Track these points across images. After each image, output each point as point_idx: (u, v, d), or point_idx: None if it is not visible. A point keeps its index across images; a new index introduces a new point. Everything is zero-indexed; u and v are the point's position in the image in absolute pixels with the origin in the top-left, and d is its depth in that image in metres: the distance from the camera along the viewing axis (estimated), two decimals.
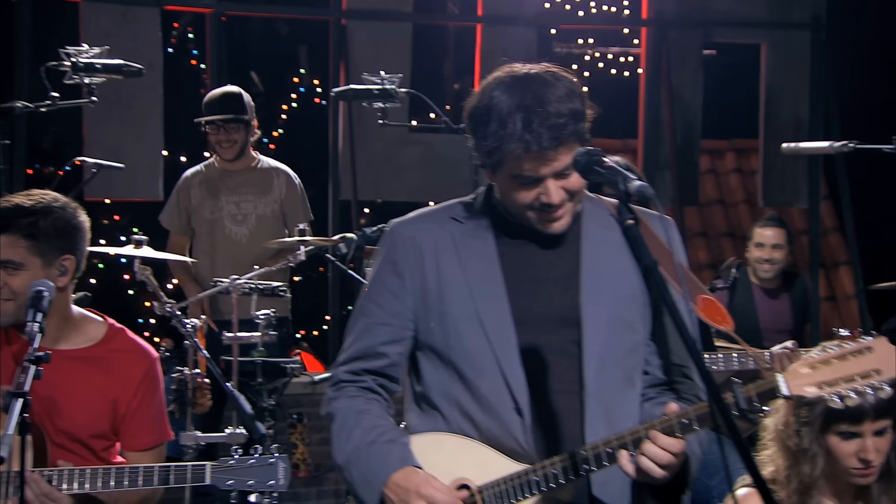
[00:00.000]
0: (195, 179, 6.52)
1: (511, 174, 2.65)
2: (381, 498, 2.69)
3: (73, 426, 3.49)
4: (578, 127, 2.63)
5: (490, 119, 2.62)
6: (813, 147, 5.88)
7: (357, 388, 2.87)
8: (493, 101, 2.63)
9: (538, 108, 2.57)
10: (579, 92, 2.68)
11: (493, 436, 2.71)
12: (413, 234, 2.84)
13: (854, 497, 3.12)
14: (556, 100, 2.59)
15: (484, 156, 2.68)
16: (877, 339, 2.49)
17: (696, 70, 8.78)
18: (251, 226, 6.38)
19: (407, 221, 2.90)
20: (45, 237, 3.43)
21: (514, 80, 2.65)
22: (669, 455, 2.53)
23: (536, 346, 2.72)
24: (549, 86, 2.62)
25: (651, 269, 2.34)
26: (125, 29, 7.87)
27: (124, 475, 3.33)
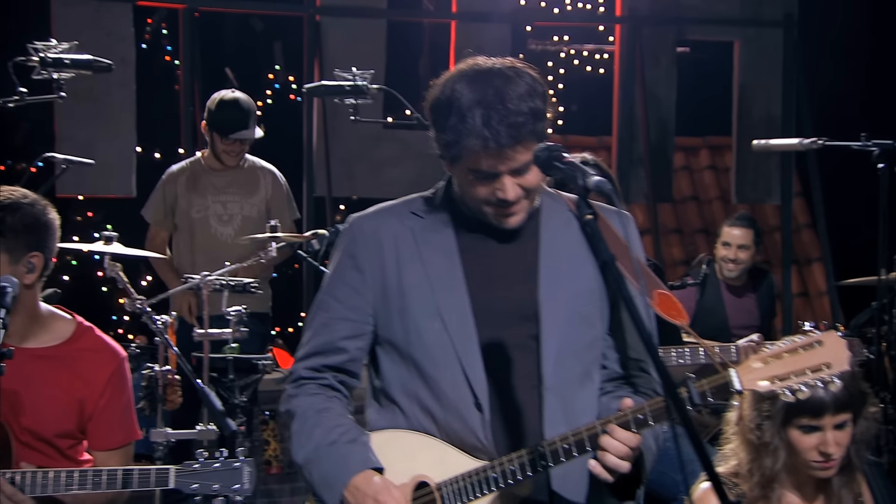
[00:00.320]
0: (182, 176, 6.48)
1: (468, 168, 2.67)
2: (341, 500, 2.69)
3: (39, 425, 3.46)
4: (537, 126, 2.64)
5: (450, 112, 2.62)
6: (783, 144, 5.92)
7: (317, 386, 2.86)
8: (455, 93, 2.63)
9: (498, 104, 2.58)
10: (541, 90, 2.69)
11: (453, 431, 2.72)
12: (373, 229, 2.83)
13: (815, 490, 3.15)
14: (517, 97, 2.60)
15: (442, 148, 2.69)
16: (826, 333, 2.52)
17: (670, 67, 8.81)
18: (236, 226, 6.36)
19: (367, 216, 2.89)
20: (13, 233, 3.39)
21: (477, 74, 2.66)
22: (626, 448, 2.56)
23: (496, 341, 2.73)
24: (511, 82, 2.63)
25: (609, 263, 2.36)
26: (97, 24, 7.84)
27: (87, 478, 3.31)
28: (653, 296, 2.68)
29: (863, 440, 3.08)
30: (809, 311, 9.82)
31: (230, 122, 6.29)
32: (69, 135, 7.73)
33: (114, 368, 3.59)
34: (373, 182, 8.25)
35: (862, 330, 5.76)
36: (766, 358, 2.52)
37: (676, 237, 10.14)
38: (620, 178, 8.69)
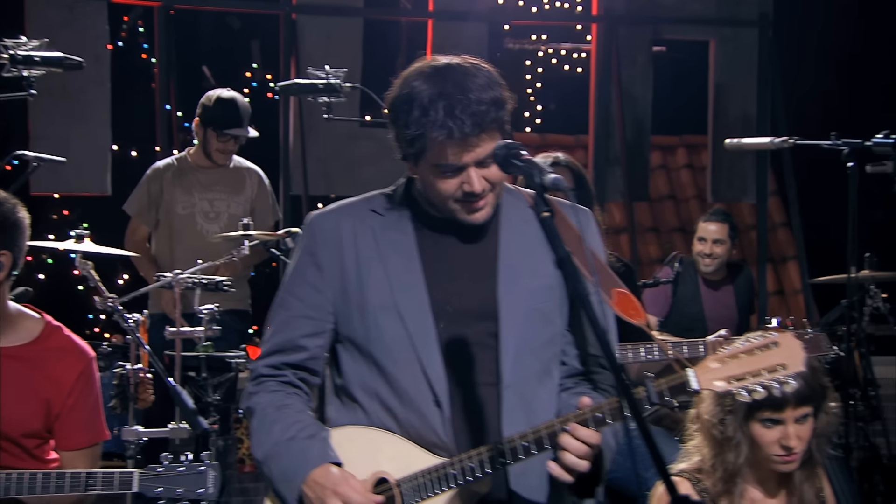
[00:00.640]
0: (168, 173, 6.46)
1: (433, 163, 2.67)
2: (299, 494, 2.69)
3: (5, 424, 3.45)
4: (499, 114, 2.66)
5: (412, 108, 2.63)
6: (755, 143, 5.94)
7: (277, 383, 2.86)
8: (415, 90, 2.64)
9: (460, 95, 2.58)
10: (499, 81, 2.70)
11: (413, 428, 2.73)
12: (333, 227, 2.84)
13: (777, 484, 3.18)
14: (477, 88, 2.61)
15: (406, 145, 2.69)
16: (782, 335, 2.54)
17: (646, 66, 8.83)
18: (223, 224, 6.34)
19: (326, 213, 2.89)
20: None
21: (435, 70, 2.67)
22: (585, 447, 2.57)
23: (455, 339, 2.74)
24: (470, 75, 2.64)
25: (565, 260, 2.37)
26: (72, 22, 7.81)
27: (51, 481, 3.31)
28: (611, 294, 2.69)
29: (823, 434, 3.12)
30: (785, 308, 9.87)
31: (227, 118, 6.31)
32: (43, 133, 7.70)
33: (82, 368, 3.57)
34: (349, 180, 8.24)
35: (832, 327, 5.80)
36: (724, 358, 2.54)
37: (653, 236, 10.18)
38: (597, 177, 8.71)
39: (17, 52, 4.94)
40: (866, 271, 6.03)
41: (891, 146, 5.03)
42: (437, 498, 2.68)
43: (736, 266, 7.12)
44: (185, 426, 5.05)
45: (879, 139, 5.02)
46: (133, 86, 9.14)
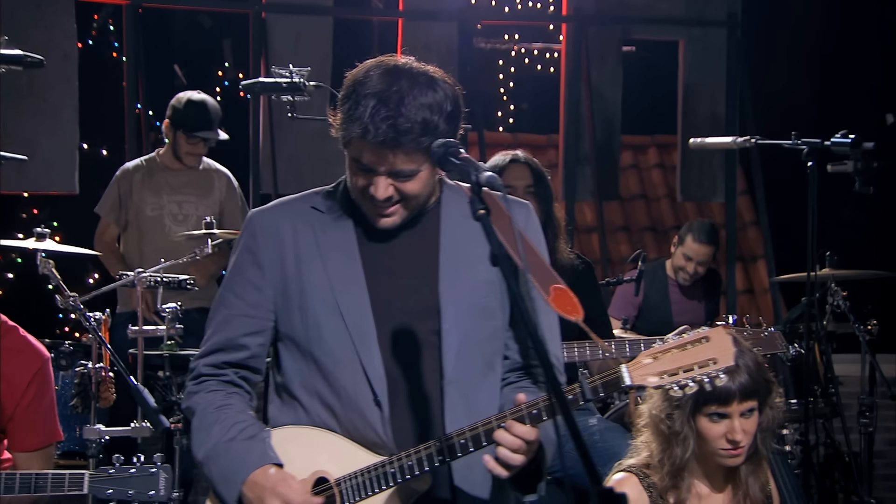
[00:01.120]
0: (137, 174, 6.48)
1: (352, 156, 2.69)
2: (239, 495, 2.71)
3: None
4: (423, 139, 2.62)
5: (351, 93, 2.65)
6: (718, 142, 5.97)
7: (218, 382, 2.87)
8: (363, 78, 2.65)
9: (392, 102, 2.58)
10: (448, 109, 2.67)
11: (354, 427, 2.74)
12: (273, 224, 2.83)
13: (724, 479, 3.23)
14: (416, 105, 2.60)
15: (338, 128, 2.70)
16: (713, 330, 2.58)
17: (616, 66, 8.85)
18: (191, 226, 6.33)
19: (266, 211, 2.90)
20: None
21: (394, 68, 2.67)
22: (520, 443, 2.58)
23: (396, 337, 2.75)
24: (418, 89, 2.62)
25: (499, 256, 2.38)
26: (39, 20, 7.79)
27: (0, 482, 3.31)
28: (548, 290, 2.70)
29: (768, 429, 3.17)
30: (755, 307, 9.93)
31: (197, 120, 6.34)
32: (10, 131, 7.65)
33: (37, 369, 3.59)
34: (319, 179, 8.16)
35: (794, 325, 5.85)
36: (656, 354, 2.58)
37: (624, 235, 10.22)
38: (567, 177, 8.75)
39: None
40: (827, 269, 6.07)
41: (848, 146, 5.08)
42: (377, 496, 2.69)
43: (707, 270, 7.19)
44: (148, 425, 5.04)
45: (838, 139, 5.07)
46: (103, 84, 9.11)
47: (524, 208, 2.91)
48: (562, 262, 4.64)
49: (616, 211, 10.20)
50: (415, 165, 2.66)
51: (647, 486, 3.16)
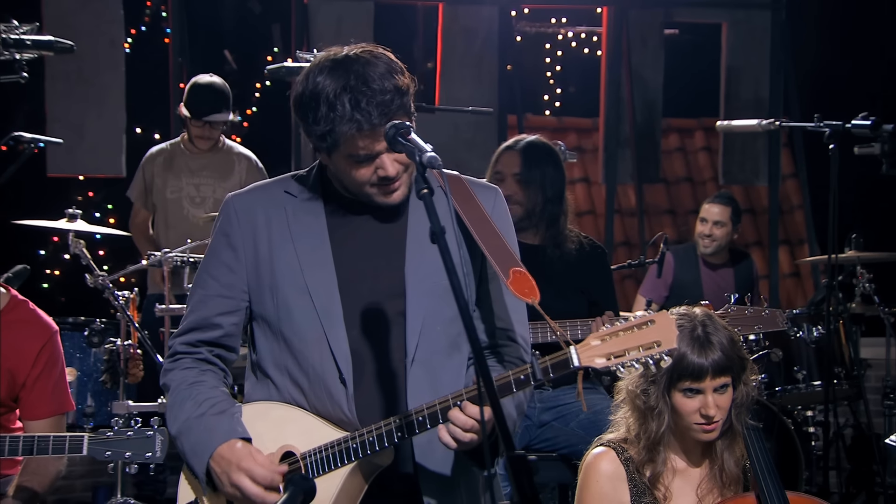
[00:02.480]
0: (159, 157, 6.60)
1: (347, 154, 2.74)
2: (207, 469, 2.79)
3: None
4: (404, 101, 2.73)
5: (318, 104, 2.69)
6: (744, 125, 5.95)
7: (192, 360, 2.94)
8: (319, 86, 2.70)
9: (363, 87, 2.66)
10: (399, 67, 2.77)
11: (321, 403, 2.82)
12: (247, 208, 2.91)
13: (701, 454, 3.27)
14: (379, 77, 2.69)
15: (317, 140, 2.75)
16: (658, 314, 2.62)
17: (658, 49, 8.85)
18: (208, 209, 6.44)
19: (241, 195, 2.97)
20: None
21: (336, 63, 2.72)
22: (473, 422, 2.64)
23: (362, 317, 2.83)
24: (370, 65, 2.71)
25: (437, 235, 2.44)
26: (87, 7, 8.00)
27: (5, 444, 3.46)
28: (508, 273, 2.78)
29: (743, 404, 3.19)
30: (800, 290, 9.86)
31: (202, 104, 6.39)
32: (58, 115, 7.91)
33: (45, 341, 3.72)
34: None
35: (818, 307, 5.84)
36: (604, 336, 2.62)
37: (669, 218, 10.19)
38: (607, 160, 8.77)
39: (8, 36, 5.08)
40: (852, 252, 6.04)
41: (868, 128, 5.06)
42: (340, 470, 2.77)
43: (739, 253, 7.19)
44: None
45: (858, 121, 5.04)
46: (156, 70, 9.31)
47: (491, 192, 2.99)
48: (569, 245, 4.68)
49: (661, 194, 10.18)
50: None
51: (624, 459, 3.22)
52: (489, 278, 2.92)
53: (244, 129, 9.73)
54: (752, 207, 10.17)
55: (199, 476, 2.81)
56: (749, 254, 7.38)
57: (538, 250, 4.66)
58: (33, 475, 3.64)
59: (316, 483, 2.74)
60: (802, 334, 5.83)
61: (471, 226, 2.88)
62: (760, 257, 9.78)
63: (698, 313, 3.20)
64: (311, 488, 2.67)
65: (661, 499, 3.21)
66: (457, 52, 8.60)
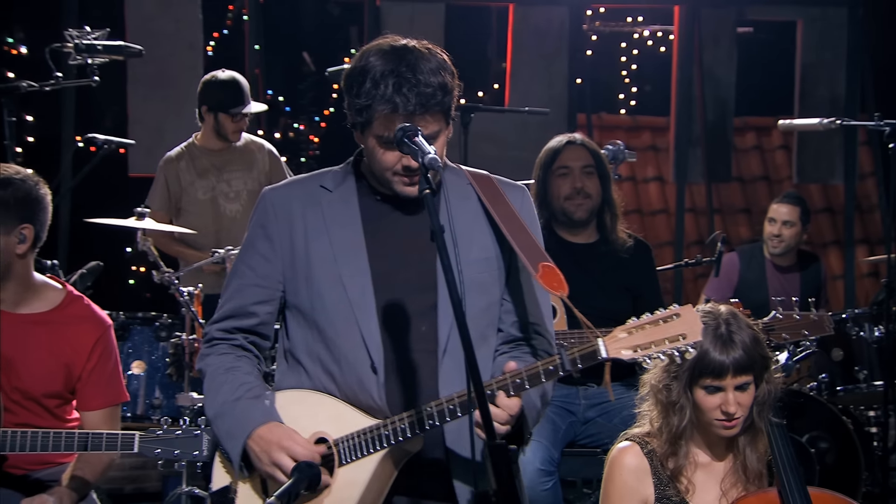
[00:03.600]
0: (181, 162, 6.62)
1: (377, 134, 2.85)
2: (243, 449, 2.89)
3: (27, 385, 3.78)
4: (445, 99, 2.84)
5: (365, 79, 2.81)
6: (804, 124, 5.96)
7: (228, 346, 3.06)
8: (370, 64, 2.82)
9: (409, 75, 2.78)
10: (450, 69, 2.88)
11: (352, 391, 2.93)
12: (283, 202, 3.03)
13: (725, 449, 3.32)
14: (428, 71, 2.81)
15: (355, 113, 2.86)
16: (683, 308, 2.71)
17: (730, 47, 8.82)
18: (244, 201, 6.48)
19: (278, 189, 3.09)
20: (4, 207, 3.69)
21: (393, 49, 2.85)
22: (505, 414, 2.74)
23: (394, 309, 2.93)
24: (423, 59, 2.83)
25: (436, 233, 2.55)
26: (167, 12, 8.25)
27: (61, 439, 3.62)
28: (537, 268, 2.87)
29: (765, 402, 3.23)
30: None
31: (235, 97, 6.43)
32: (139, 117, 8.16)
33: (99, 335, 3.86)
34: None
35: (881, 307, 5.78)
36: (631, 329, 2.72)
37: (745, 217, 10.13)
38: (678, 158, 8.75)
39: (81, 42, 5.29)
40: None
41: None
42: (372, 456, 2.87)
43: (808, 255, 7.11)
44: None
45: None
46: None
47: (519, 191, 3.09)
48: (617, 243, 4.73)
49: (736, 193, 10.12)
50: (438, 127, 2.86)
51: (648, 453, 3.28)
52: (518, 272, 3.02)
53: (322, 130, 9.93)
54: (831, 206, 10.07)
55: (234, 457, 2.92)
56: (819, 257, 7.31)
57: (588, 248, 4.73)
58: (86, 465, 3.80)
59: (349, 468, 2.86)
60: (864, 334, 5.79)
61: (500, 222, 2.97)
62: (838, 256, 9.68)
63: (723, 311, 3.25)
64: (315, 475, 2.77)
65: (684, 491, 3.26)
66: (527, 52, 8.67)
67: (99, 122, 8.91)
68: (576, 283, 4.44)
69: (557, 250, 4.61)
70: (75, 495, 3.76)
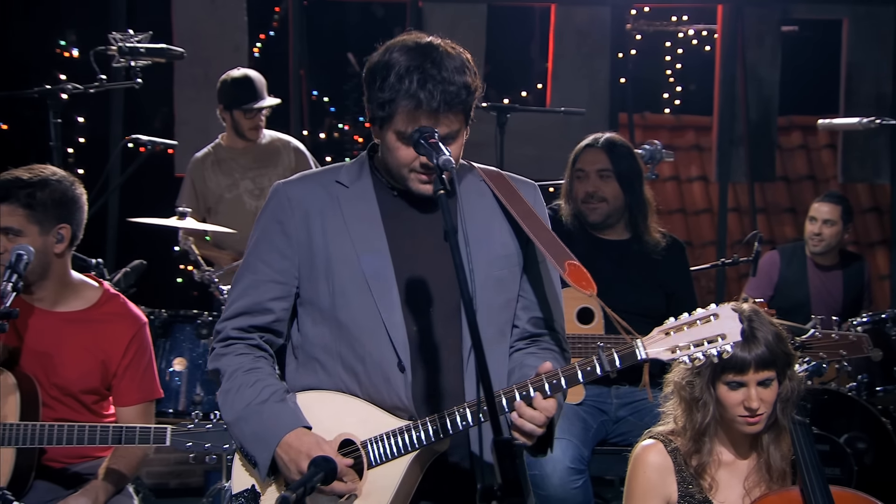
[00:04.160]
0: (206, 162, 6.70)
1: (398, 129, 2.83)
2: (272, 456, 2.86)
3: (65, 381, 3.88)
4: (468, 99, 2.84)
5: (389, 73, 2.80)
6: (844, 123, 5.92)
7: (245, 346, 3.01)
8: (394, 59, 2.81)
9: (434, 71, 2.77)
10: (473, 69, 2.87)
11: (376, 390, 2.91)
12: (300, 196, 2.99)
13: (748, 448, 3.35)
14: (452, 69, 2.80)
15: (377, 108, 2.84)
16: (721, 307, 2.73)
17: (774, 46, 8.76)
18: None
19: (293, 182, 3.06)
20: (42, 207, 3.79)
21: (417, 45, 2.84)
22: (543, 417, 2.75)
23: (419, 307, 2.92)
24: (448, 56, 2.83)
25: (449, 232, 2.55)
26: (214, 15, 8.35)
27: (96, 433, 3.72)
28: (564, 266, 2.88)
29: (788, 399, 3.25)
30: None
31: (248, 94, 6.50)
32: (186, 119, 8.28)
33: (134, 332, 3.96)
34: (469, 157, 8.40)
35: None
36: (669, 329, 2.74)
37: (790, 216, 10.06)
38: (720, 158, 8.73)
39: (124, 45, 5.40)
40: None
41: None
42: (403, 458, 2.86)
43: (851, 255, 7.08)
44: None
45: None
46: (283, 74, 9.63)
47: (531, 188, 3.09)
48: (650, 241, 4.74)
49: (782, 192, 10.06)
50: (458, 126, 2.85)
51: (671, 450, 3.31)
52: (534, 266, 3.03)
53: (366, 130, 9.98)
54: (877, 205, 9.99)
55: (261, 463, 2.88)
56: (863, 257, 7.26)
57: (621, 245, 4.75)
58: (121, 458, 3.89)
59: (379, 470, 2.85)
60: None
61: (519, 219, 2.97)
62: (885, 256, 9.60)
63: (746, 308, 3.26)
64: (332, 469, 2.75)
65: (707, 489, 3.28)
66: (569, 52, 8.67)
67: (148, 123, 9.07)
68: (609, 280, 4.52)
69: (590, 247, 4.69)
70: (112, 488, 3.85)
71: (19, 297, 3.72)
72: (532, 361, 2.94)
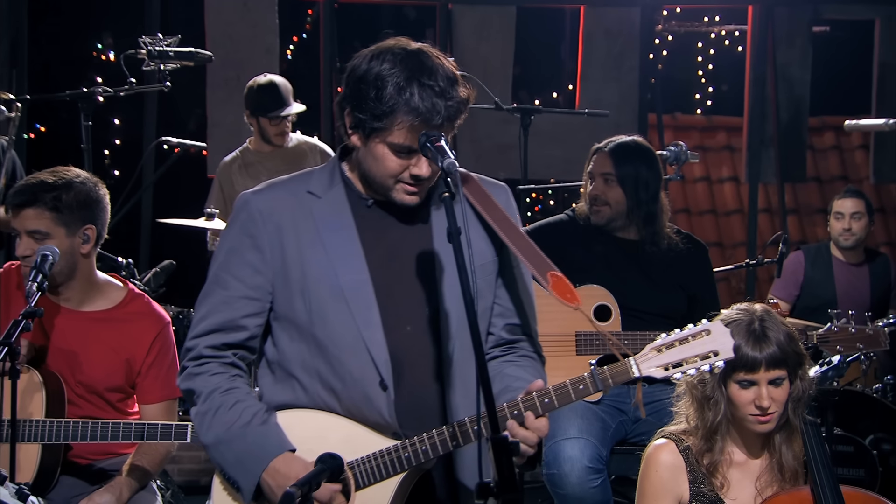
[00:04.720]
0: (234, 166, 6.79)
1: (391, 142, 2.73)
2: (258, 482, 2.78)
3: (91, 379, 3.96)
4: (463, 112, 2.79)
5: (386, 84, 2.69)
6: (870, 124, 5.95)
7: (220, 364, 2.91)
8: (387, 70, 2.70)
9: (434, 84, 2.70)
10: (459, 78, 2.79)
11: (357, 408, 2.84)
12: (270, 208, 2.87)
13: (761, 447, 3.36)
14: (445, 80, 2.72)
15: (370, 118, 2.72)
16: (713, 323, 2.76)
17: (805, 46, 8.73)
18: None
19: (261, 194, 2.92)
20: (68, 209, 3.86)
21: (407, 54, 2.74)
22: (536, 437, 2.73)
23: (398, 322, 2.85)
24: (442, 66, 2.75)
25: (453, 234, 2.54)
26: (245, 18, 8.44)
27: (119, 429, 3.79)
28: (547, 278, 2.83)
29: (800, 399, 3.26)
30: None
31: (273, 101, 6.57)
32: (218, 120, 8.37)
33: (158, 331, 4.03)
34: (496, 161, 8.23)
35: None
36: (661, 347, 2.76)
37: (821, 217, 10.01)
38: (750, 158, 8.71)
39: (153, 48, 5.49)
40: None
41: None
42: (393, 479, 2.81)
43: (874, 252, 7.07)
44: None
45: None
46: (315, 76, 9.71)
47: (502, 190, 3.02)
48: (666, 243, 4.75)
49: (814, 193, 10.02)
50: (448, 136, 2.76)
51: (683, 450, 3.33)
52: (506, 272, 2.97)
53: None
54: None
55: (245, 488, 2.80)
56: (887, 255, 7.25)
57: (636, 245, 4.76)
58: (145, 455, 3.96)
59: (367, 492, 2.80)
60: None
61: (496, 226, 2.90)
62: None
63: (758, 308, 3.29)
64: (338, 466, 2.73)
65: (719, 487, 3.31)
66: (598, 54, 8.69)
67: (182, 125, 9.19)
68: (628, 279, 4.59)
69: (608, 245, 4.71)
70: (135, 484, 3.93)
71: (46, 297, 3.82)
72: (511, 371, 2.93)
